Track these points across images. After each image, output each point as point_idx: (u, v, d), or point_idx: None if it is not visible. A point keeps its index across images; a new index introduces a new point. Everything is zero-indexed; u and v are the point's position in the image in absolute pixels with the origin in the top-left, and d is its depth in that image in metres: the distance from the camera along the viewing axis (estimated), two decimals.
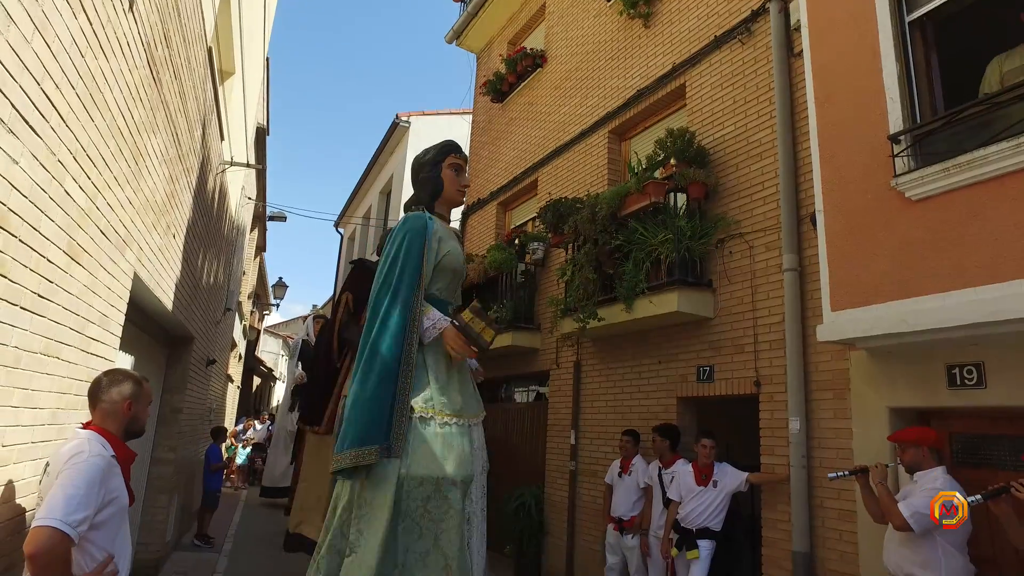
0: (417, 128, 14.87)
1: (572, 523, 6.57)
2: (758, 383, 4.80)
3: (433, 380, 2.94)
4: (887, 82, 3.86)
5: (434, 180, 3.35)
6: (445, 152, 3.36)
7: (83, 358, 3.16)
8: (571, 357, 7.00)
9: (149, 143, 3.91)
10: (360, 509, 2.69)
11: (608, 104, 7.24)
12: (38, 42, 2.11)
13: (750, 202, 5.19)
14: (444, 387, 2.94)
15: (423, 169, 3.37)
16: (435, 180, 3.35)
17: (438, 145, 3.41)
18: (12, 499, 2.48)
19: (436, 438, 2.82)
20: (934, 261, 3.44)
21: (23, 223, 2.22)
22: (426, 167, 3.33)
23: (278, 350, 28.84)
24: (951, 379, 3.58)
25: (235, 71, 7.80)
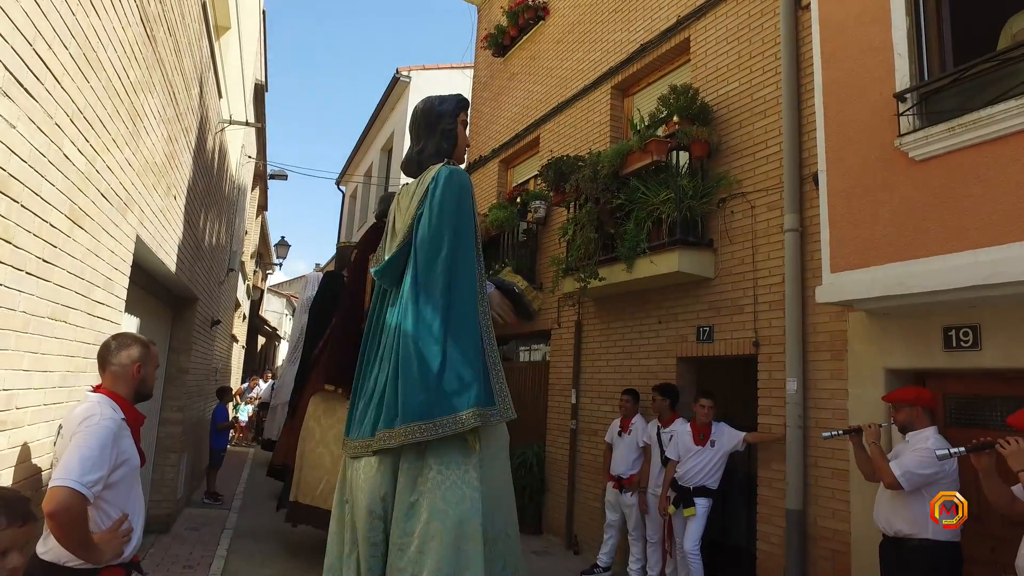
0: (418, 83, 14.62)
1: (572, 480, 6.72)
2: (757, 343, 4.85)
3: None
4: (896, 37, 3.78)
5: (450, 135, 3.17)
6: (461, 106, 3.18)
7: (90, 321, 3.19)
8: (572, 316, 7.05)
9: (146, 103, 3.87)
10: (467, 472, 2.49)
11: (611, 59, 7.10)
12: (27, 0, 2.07)
13: (753, 161, 5.15)
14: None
15: (443, 120, 3.16)
16: (453, 134, 3.18)
17: (453, 97, 3.18)
18: (28, 459, 2.55)
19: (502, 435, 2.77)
20: (935, 223, 3.43)
21: (24, 188, 2.22)
22: (446, 118, 3.13)
23: (282, 309, 29.00)
24: (947, 341, 3.61)
25: (231, 26, 7.63)
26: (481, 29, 10.68)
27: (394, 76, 14.69)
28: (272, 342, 28.51)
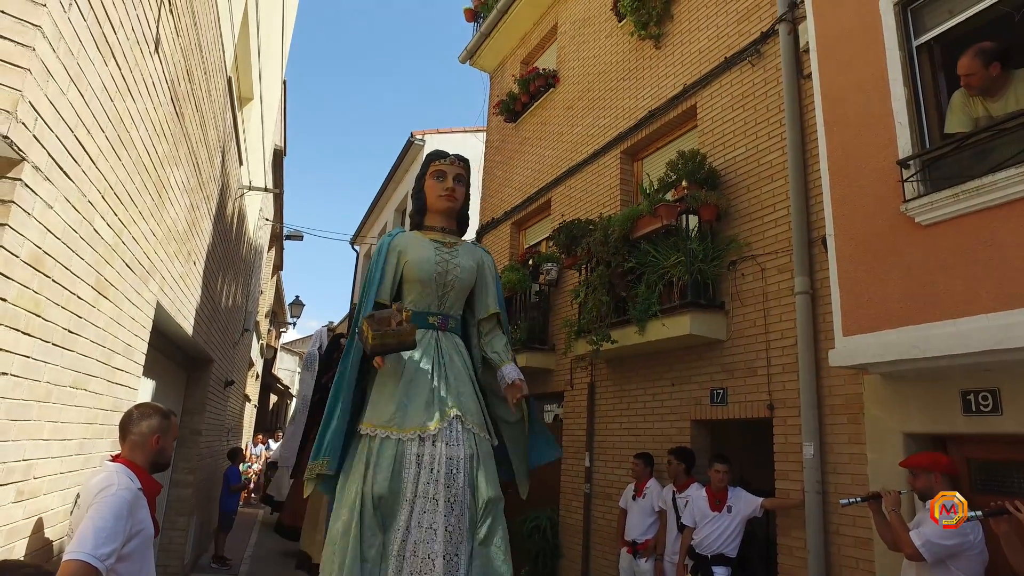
0: (432, 146, 15.04)
1: (587, 546, 6.56)
2: (771, 406, 4.80)
3: (373, 394, 3.11)
4: (895, 106, 3.88)
5: (418, 194, 3.49)
6: (426, 163, 3.47)
7: (108, 388, 3.25)
8: (585, 378, 7.02)
9: (172, 175, 4.03)
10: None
11: (620, 124, 7.31)
12: (73, 92, 2.21)
13: (761, 224, 5.22)
14: (379, 399, 3.05)
15: (413, 187, 3.55)
16: (419, 194, 3.49)
17: (424, 158, 3.53)
18: (42, 530, 2.56)
19: (360, 453, 2.96)
20: (945, 286, 3.45)
21: (56, 264, 2.32)
22: (415, 184, 3.51)
23: (295, 367, 29.05)
24: (966, 405, 3.56)
25: (253, 97, 7.99)
26: (493, 96, 11.05)
27: (409, 139, 15.15)
28: (284, 400, 28.44)
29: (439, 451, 2.88)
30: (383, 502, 2.81)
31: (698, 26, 6.39)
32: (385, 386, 3.05)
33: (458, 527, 2.83)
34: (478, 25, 10.98)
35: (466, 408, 3.05)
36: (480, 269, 3.44)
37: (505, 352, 3.38)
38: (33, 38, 1.90)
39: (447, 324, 3.28)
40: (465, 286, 3.36)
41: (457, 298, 3.35)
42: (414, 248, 3.29)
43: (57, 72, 2.08)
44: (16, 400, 2.16)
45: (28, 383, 2.23)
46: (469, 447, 2.96)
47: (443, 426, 2.93)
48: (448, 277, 3.27)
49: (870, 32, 4.11)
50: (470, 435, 2.99)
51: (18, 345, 2.11)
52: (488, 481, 2.97)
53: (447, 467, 2.88)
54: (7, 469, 2.17)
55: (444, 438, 2.92)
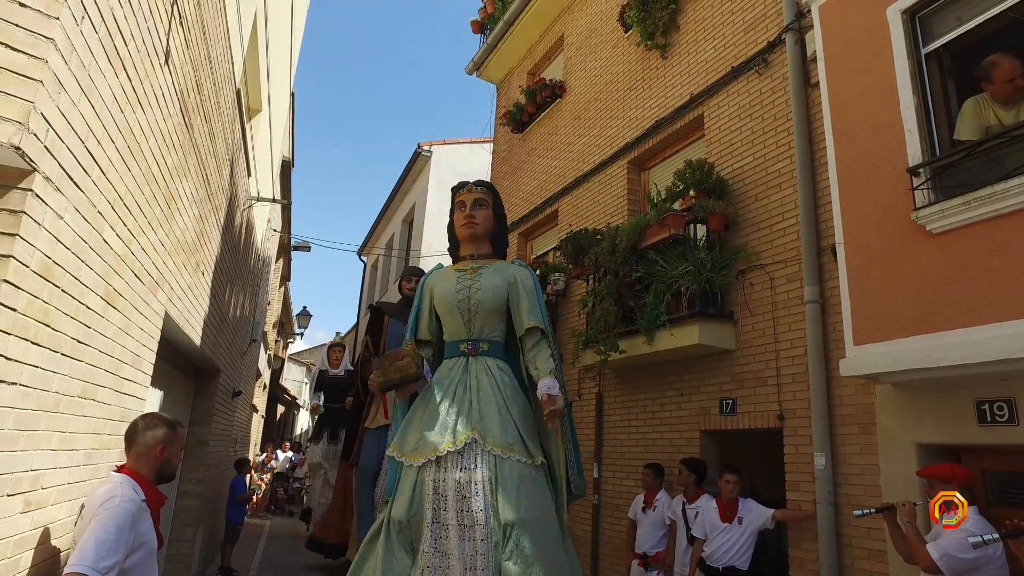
0: (439, 157, 15.12)
1: (596, 558, 6.50)
2: (782, 417, 4.76)
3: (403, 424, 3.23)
4: (904, 114, 3.87)
5: (449, 229, 3.70)
6: (451, 200, 3.66)
7: (116, 398, 3.25)
8: (593, 388, 6.99)
9: (181, 186, 4.05)
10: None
11: (627, 134, 7.32)
12: (84, 104, 2.23)
13: (770, 233, 5.20)
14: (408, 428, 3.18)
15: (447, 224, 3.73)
16: (450, 228, 3.70)
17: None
18: (48, 541, 2.55)
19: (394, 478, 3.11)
20: (957, 295, 3.42)
21: (65, 274, 2.32)
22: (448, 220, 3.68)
23: (302, 378, 29.08)
24: (981, 415, 3.52)
25: (262, 108, 8.04)
26: (500, 106, 11.10)
27: (416, 150, 15.21)
28: (291, 411, 28.44)
29: (450, 475, 2.91)
30: (405, 527, 2.87)
31: (704, 36, 6.41)
32: (414, 415, 3.17)
33: (476, 552, 2.78)
34: (485, 37, 11.05)
35: (487, 429, 3.01)
36: (512, 287, 3.39)
37: (545, 365, 3.23)
38: (46, 51, 1.92)
39: (477, 348, 3.30)
40: (490, 307, 3.34)
41: (486, 321, 3.33)
42: (440, 283, 3.44)
43: (69, 84, 2.09)
44: (25, 410, 2.16)
45: (37, 393, 2.23)
46: (488, 469, 2.91)
47: (455, 449, 2.94)
48: (470, 303, 3.32)
49: (878, 40, 4.10)
50: (489, 457, 2.95)
51: (27, 355, 2.11)
52: (508, 503, 2.87)
53: (459, 491, 2.87)
54: (15, 479, 2.16)
55: (457, 462, 2.93)
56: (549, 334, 3.36)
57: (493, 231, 3.60)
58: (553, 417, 3.08)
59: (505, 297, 3.38)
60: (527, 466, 3.04)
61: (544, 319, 3.39)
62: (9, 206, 1.94)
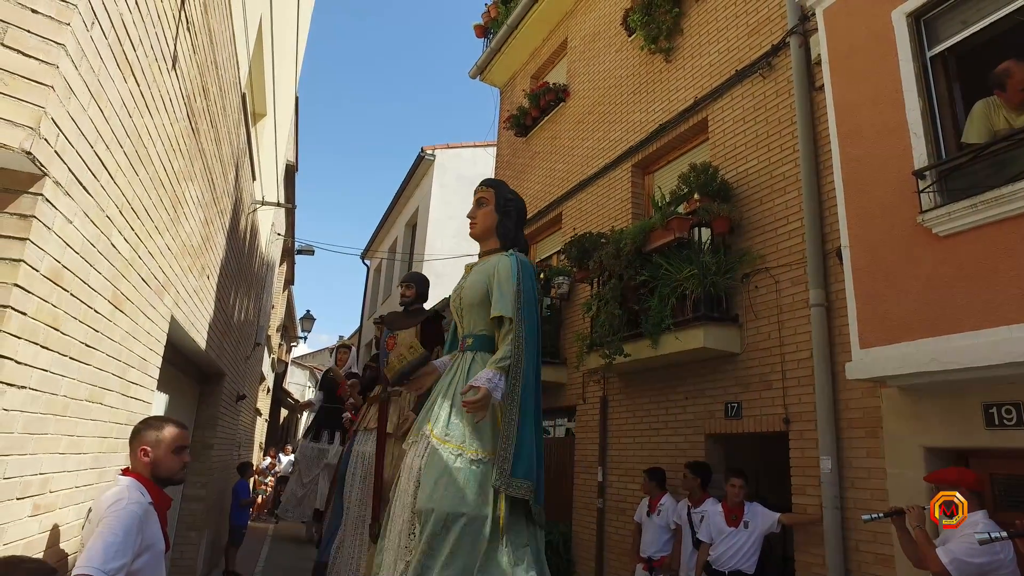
0: (442, 161, 15.15)
1: (600, 562, 6.48)
2: (787, 420, 4.74)
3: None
4: (910, 117, 3.87)
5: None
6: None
7: (123, 402, 3.25)
8: (597, 392, 6.98)
9: (187, 190, 4.06)
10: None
11: (631, 138, 7.32)
12: (93, 109, 2.24)
13: (775, 236, 5.19)
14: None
15: None
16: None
17: None
18: (57, 543, 2.55)
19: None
20: (964, 298, 3.41)
21: (74, 278, 2.33)
22: None
23: (305, 381, 29.10)
24: (988, 419, 3.50)
25: (267, 113, 8.06)
26: (503, 110, 11.11)
27: (419, 155, 15.24)
28: (295, 415, 28.44)
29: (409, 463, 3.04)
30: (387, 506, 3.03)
31: (708, 40, 6.41)
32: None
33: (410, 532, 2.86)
34: (488, 41, 11.08)
35: (436, 419, 3.01)
36: (491, 278, 3.25)
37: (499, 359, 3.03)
38: (57, 56, 1.93)
39: (465, 344, 3.37)
40: (472, 302, 3.30)
41: (472, 316, 3.33)
42: (463, 277, 3.56)
43: (79, 89, 2.10)
44: (34, 414, 2.16)
45: (46, 397, 2.24)
46: (420, 458, 2.97)
47: (417, 439, 3.07)
48: (461, 301, 3.40)
49: (883, 44, 4.10)
50: (427, 446, 2.95)
51: (37, 359, 2.12)
52: (423, 492, 2.81)
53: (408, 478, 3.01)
54: (24, 483, 2.17)
55: (415, 451, 3.03)
56: (518, 323, 3.09)
57: (496, 226, 3.50)
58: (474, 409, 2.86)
59: (485, 291, 3.27)
60: (459, 457, 2.90)
61: (509, 306, 3.12)
62: (19, 210, 1.95)
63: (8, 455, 2.02)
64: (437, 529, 2.75)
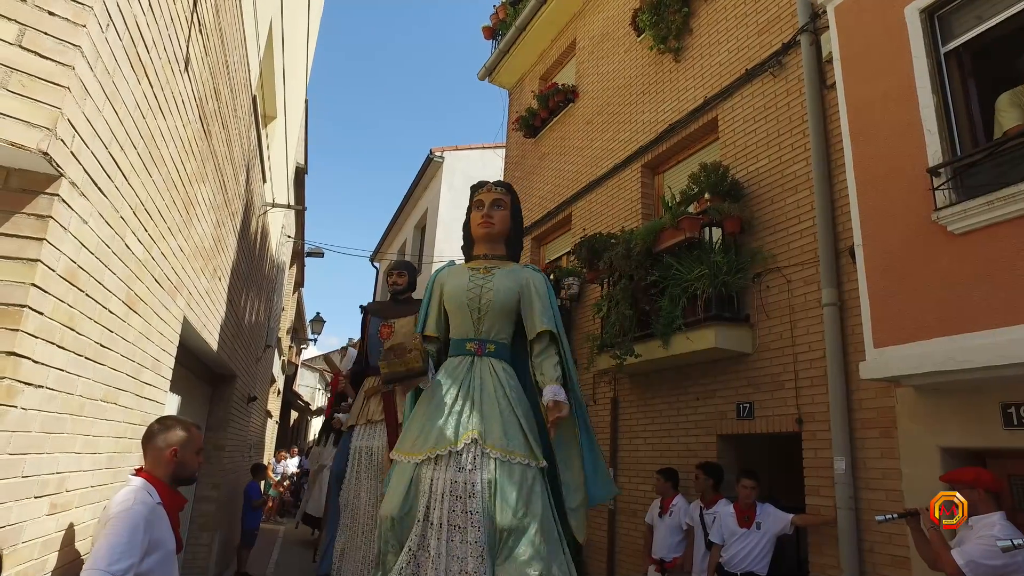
0: (451, 163, 15.16)
1: (611, 564, 6.45)
2: (800, 421, 4.71)
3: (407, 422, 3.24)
4: (924, 114, 3.83)
5: (465, 228, 3.70)
6: (470, 198, 3.66)
7: (137, 402, 3.27)
8: (608, 393, 6.96)
9: (199, 192, 4.09)
10: None
11: (640, 138, 7.30)
12: (108, 110, 2.26)
13: (787, 235, 5.16)
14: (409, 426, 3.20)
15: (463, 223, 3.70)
16: (466, 227, 3.69)
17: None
18: (72, 542, 2.57)
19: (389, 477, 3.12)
20: (981, 296, 3.37)
21: (90, 278, 2.35)
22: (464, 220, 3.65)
23: (315, 384, 29.20)
24: (1007, 419, 3.46)
25: (277, 115, 8.10)
26: (512, 112, 11.12)
27: (427, 156, 15.27)
28: (305, 416, 28.55)
29: (448, 475, 2.88)
30: (397, 524, 2.85)
31: (718, 39, 6.39)
32: (416, 414, 3.17)
33: (465, 555, 2.76)
34: (496, 42, 11.08)
35: (488, 431, 2.97)
36: (524, 289, 3.37)
37: (552, 372, 3.23)
38: (73, 58, 1.94)
39: (484, 349, 3.28)
40: (501, 309, 3.32)
41: (495, 322, 3.31)
42: (452, 279, 3.44)
43: (94, 90, 2.12)
44: (51, 413, 2.18)
45: (62, 396, 2.26)
46: (488, 472, 2.87)
47: (456, 449, 2.91)
48: (481, 302, 3.30)
49: (895, 40, 4.07)
50: (489, 459, 2.91)
51: (53, 358, 2.13)
52: (507, 508, 2.84)
53: (455, 491, 2.85)
54: (41, 482, 2.18)
55: (456, 462, 2.90)
56: (561, 338, 3.33)
57: (508, 233, 3.59)
58: (557, 424, 3.06)
59: (516, 300, 3.36)
60: (529, 469, 2.98)
61: (557, 323, 3.37)
62: (36, 211, 1.97)
63: (26, 454, 2.04)
64: (532, 542, 2.81)
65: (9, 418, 1.89)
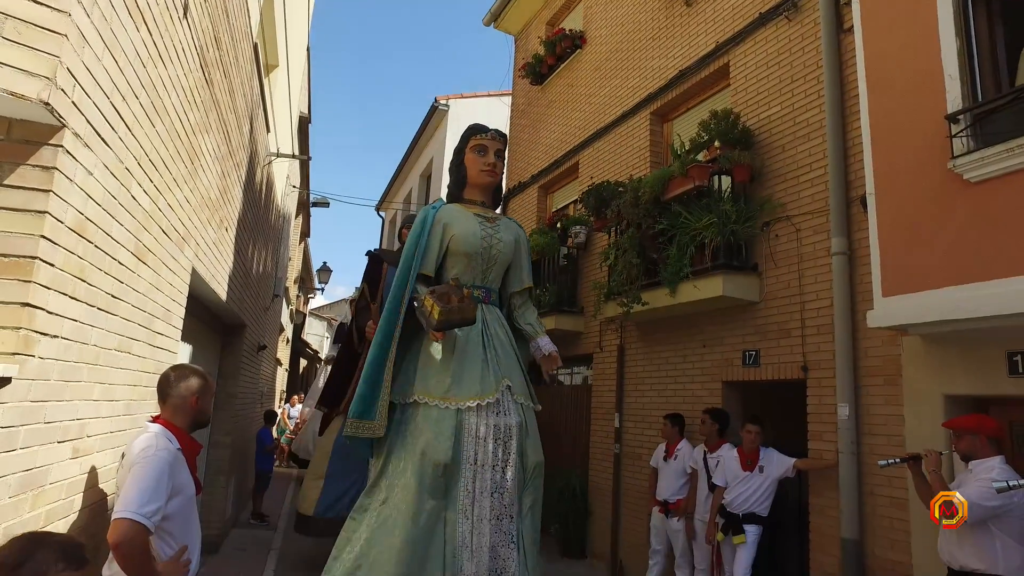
0: (456, 111, 14.88)
1: (617, 506, 6.64)
2: (805, 368, 4.75)
3: (421, 364, 3.21)
4: (946, 59, 3.71)
5: (458, 168, 3.59)
6: (466, 137, 3.61)
7: (151, 351, 3.33)
8: (615, 341, 7.01)
9: (203, 143, 4.05)
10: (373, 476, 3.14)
11: (649, 85, 7.14)
12: (108, 59, 2.22)
13: (797, 184, 5.09)
14: (429, 370, 3.17)
15: (451, 160, 3.63)
16: (459, 167, 3.59)
17: (463, 132, 3.58)
18: (96, 484, 2.66)
19: (415, 421, 3.08)
20: (993, 246, 3.34)
21: (98, 230, 2.36)
22: (452, 157, 3.61)
23: (323, 332, 29.52)
24: (1012, 367, 3.48)
25: (279, 64, 7.94)
26: (518, 58, 10.85)
27: (432, 105, 14.99)
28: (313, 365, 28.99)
29: (492, 420, 3.06)
30: (446, 470, 2.95)
31: None
32: (435, 358, 3.17)
33: (510, 491, 3.04)
34: None
35: (513, 379, 3.23)
36: (517, 244, 3.58)
37: (538, 324, 3.59)
38: (69, 4, 1.90)
39: (489, 297, 3.43)
40: (506, 260, 3.49)
41: (498, 272, 3.47)
42: (460, 221, 3.38)
43: (92, 38, 2.07)
44: (68, 362, 2.22)
45: (78, 346, 2.30)
46: (518, 415, 3.15)
47: (497, 396, 3.11)
48: (492, 252, 3.39)
49: None
50: (517, 405, 3.19)
51: (67, 309, 2.16)
52: (534, 447, 3.20)
53: (500, 435, 3.07)
54: (64, 428, 2.25)
55: (496, 408, 3.09)
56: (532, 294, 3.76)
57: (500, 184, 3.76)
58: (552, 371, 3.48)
59: (513, 253, 3.56)
60: (533, 412, 3.33)
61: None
62: (41, 162, 1.96)
63: (47, 401, 2.09)
64: (542, 478, 3.25)
65: (29, 367, 1.93)
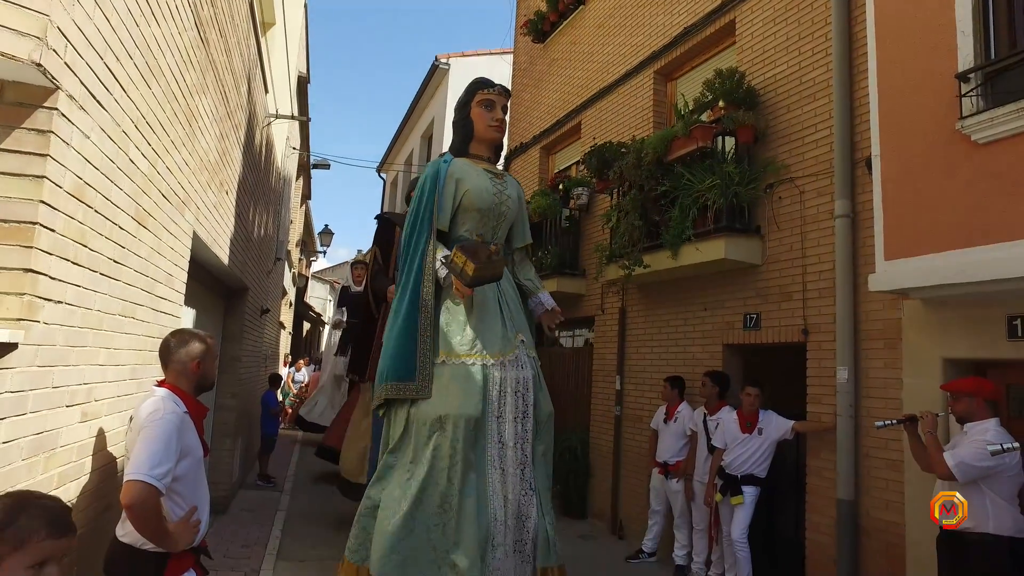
0: (457, 70, 14.62)
1: (617, 467, 6.75)
2: (806, 331, 4.77)
3: (445, 323, 3.23)
4: (959, 13, 3.62)
5: (464, 122, 3.55)
6: (472, 91, 3.53)
7: (154, 316, 3.35)
8: (616, 303, 7.03)
9: (200, 104, 3.99)
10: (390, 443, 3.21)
11: (653, 43, 6.99)
12: (99, 17, 2.17)
13: (801, 145, 5.02)
14: (451, 329, 3.21)
15: (456, 114, 3.61)
16: (465, 122, 3.54)
17: (468, 86, 3.51)
18: (105, 447, 2.70)
19: (442, 379, 3.12)
20: (999, 208, 3.31)
21: (97, 194, 2.34)
22: (457, 111, 3.56)
23: (326, 295, 29.61)
24: (1012, 331, 3.49)
25: (276, 22, 7.78)
26: (520, 15, 10.60)
27: (433, 64, 14.72)
28: (316, 328, 29.15)
29: (512, 374, 3.20)
30: (477, 423, 3.07)
31: None
32: (456, 317, 3.23)
33: (529, 441, 3.22)
34: None
35: (524, 334, 3.38)
36: (519, 202, 3.66)
37: (538, 280, 3.73)
38: None
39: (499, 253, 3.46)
40: (513, 217, 3.58)
41: (505, 229, 3.56)
42: (471, 177, 3.38)
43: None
44: (72, 328, 2.23)
45: (81, 311, 2.30)
46: (532, 368, 3.31)
47: (516, 351, 3.25)
48: (502, 208, 3.46)
49: None
50: (530, 359, 3.35)
51: (69, 274, 2.16)
52: (545, 398, 3.38)
53: (519, 388, 3.22)
54: (72, 392, 2.27)
55: (513, 362, 3.23)
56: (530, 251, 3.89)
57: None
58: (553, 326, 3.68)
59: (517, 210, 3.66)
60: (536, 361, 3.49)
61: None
62: (36, 125, 1.93)
63: (54, 366, 2.11)
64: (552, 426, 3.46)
65: (34, 332, 1.94)
